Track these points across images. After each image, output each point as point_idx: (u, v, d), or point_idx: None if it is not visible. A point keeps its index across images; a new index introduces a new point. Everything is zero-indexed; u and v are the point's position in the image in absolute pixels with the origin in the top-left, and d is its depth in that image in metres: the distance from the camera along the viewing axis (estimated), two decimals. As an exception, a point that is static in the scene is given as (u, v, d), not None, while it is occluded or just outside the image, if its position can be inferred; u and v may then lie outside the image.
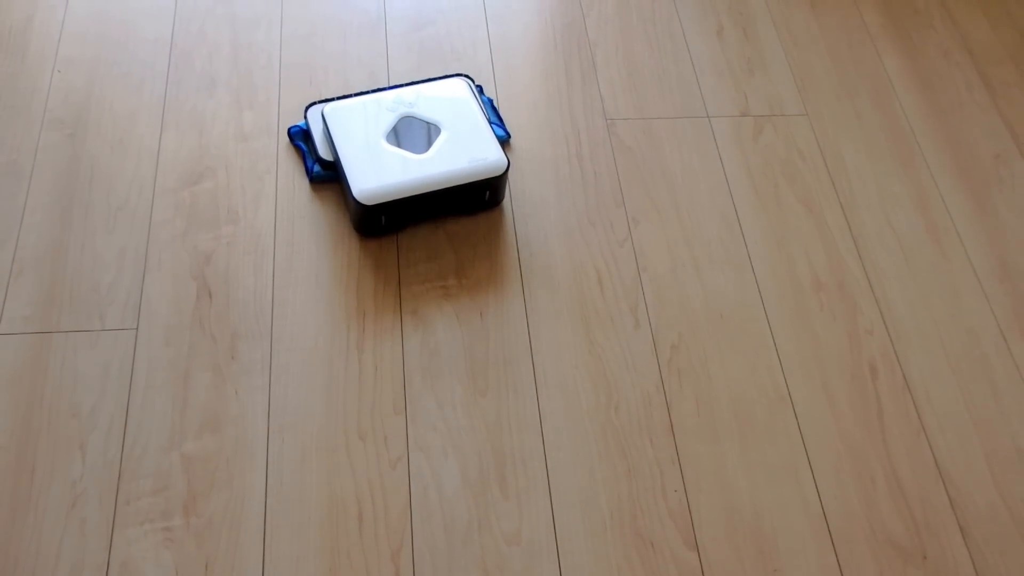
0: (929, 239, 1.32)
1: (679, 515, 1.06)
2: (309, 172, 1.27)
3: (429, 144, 1.22)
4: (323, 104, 1.29)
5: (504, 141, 1.34)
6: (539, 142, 1.35)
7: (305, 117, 1.30)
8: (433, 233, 1.25)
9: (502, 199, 1.27)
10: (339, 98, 1.29)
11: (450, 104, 1.26)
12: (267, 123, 1.32)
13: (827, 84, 1.47)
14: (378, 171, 1.19)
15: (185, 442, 1.05)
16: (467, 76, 1.37)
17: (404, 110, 1.25)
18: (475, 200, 1.24)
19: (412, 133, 1.23)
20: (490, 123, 1.30)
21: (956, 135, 1.43)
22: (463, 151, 1.22)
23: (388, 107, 1.25)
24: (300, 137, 1.30)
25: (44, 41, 1.38)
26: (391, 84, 1.36)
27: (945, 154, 1.41)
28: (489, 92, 1.40)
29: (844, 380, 1.18)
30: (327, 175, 1.26)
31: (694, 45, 1.49)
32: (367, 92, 1.30)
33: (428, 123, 1.24)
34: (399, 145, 1.22)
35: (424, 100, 1.27)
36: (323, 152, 1.25)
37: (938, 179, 1.38)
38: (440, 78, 1.32)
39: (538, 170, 1.32)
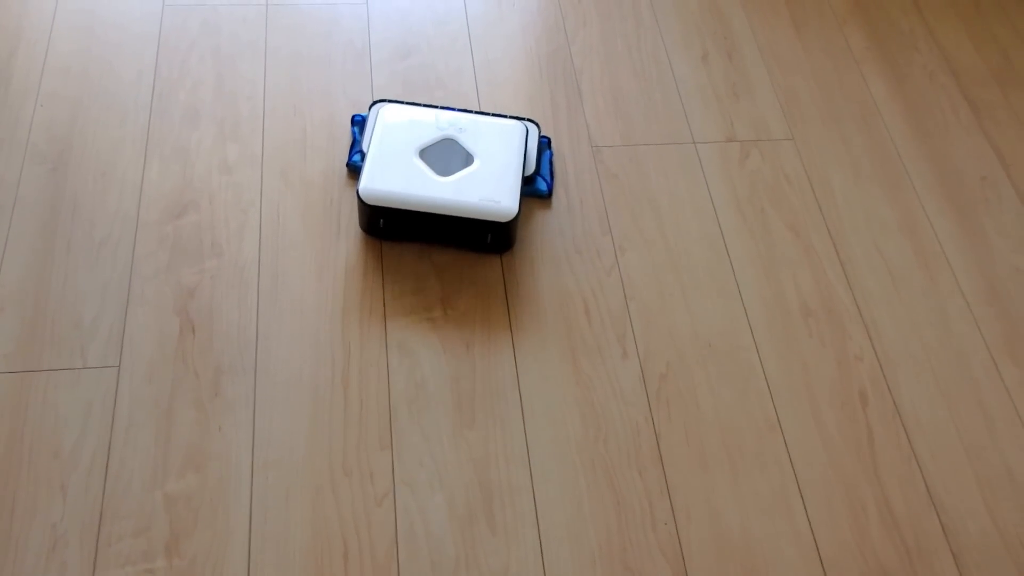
0: (917, 263, 1.31)
1: (669, 548, 1.05)
2: (350, 158, 1.31)
3: (455, 171, 1.24)
4: (387, 103, 1.33)
5: (543, 196, 1.32)
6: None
7: (369, 110, 1.34)
8: (419, 263, 1.24)
9: (508, 247, 1.26)
10: (408, 103, 1.33)
11: (495, 142, 1.27)
12: (251, 155, 1.31)
13: (813, 108, 1.47)
14: (392, 176, 1.21)
15: (168, 481, 1.04)
16: (536, 124, 1.37)
17: (451, 132, 1.27)
18: (477, 239, 1.24)
19: (447, 156, 1.25)
20: (536, 175, 1.31)
21: (942, 157, 1.43)
22: (479, 188, 1.22)
23: (439, 125, 1.28)
24: (358, 125, 1.35)
25: (27, 75, 1.37)
26: (460, 108, 1.37)
27: (931, 177, 1.41)
28: (474, 120, 1.40)
29: (834, 408, 1.17)
30: (362, 165, 1.27)
31: (679, 70, 1.49)
32: (435, 106, 1.33)
33: (467, 152, 1.25)
34: (427, 162, 1.24)
35: (474, 130, 1.28)
36: (366, 146, 1.28)
37: (925, 202, 1.38)
38: (509, 117, 1.33)
39: (523, 198, 1.32)
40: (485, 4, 1.54)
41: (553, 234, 1.29)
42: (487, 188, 1.22)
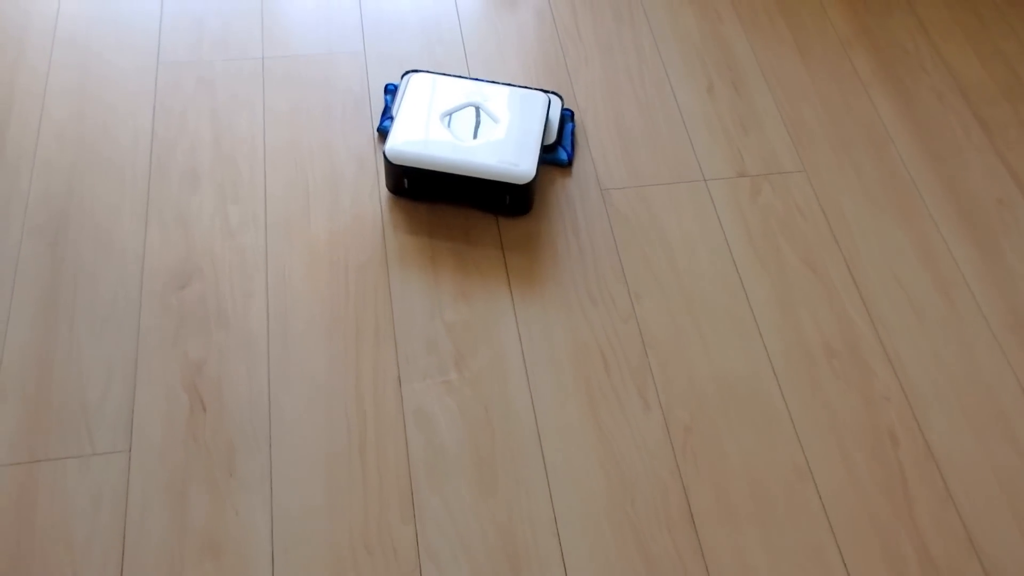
0: (938, 293, 1.29)
1: (706, 613, 1.02)
2: (380, 124, 1.38)
3: (477, 136, 1.29)
4: (415, 73, 1.39)
5: (563, 165, 1.38)
6: (534, 218, 1.32)
7: (401, 79, 1.42)
8: (431, 321, 1.21)
9: (526, 211, 1.31)
10: (433, 72, 1.39)
11: (518, 110, 1.33)
12: (253, 216, 1.28)
13: (822, 137, 1.44)
14: (416, 138, 1.27)
15: (185, 570, 1.00)
16: (560, 97, 1.42)
17: (476, 100, 1.33)
18: (496, 201, 1.29)
19: (470, 122, 1.31)
20: (558, 145, 1.37)
21: (956, 181, 1.40)
22: (500, 152, 1.27)
23: (466, 93, 1.34)
24: (390, 92, 1.42)
25: (21, 145, 1.33)
26: (487, 79, 1.46)
27: (947, 202, 1.38)
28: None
29: (864, 451, 1.14)
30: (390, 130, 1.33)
31: (685, 104, 1.46)
32: (464, 76, 1.40)
33: (490, 118, 1.31)
34: (454, 127, 1.30)
35: (499, 99, 1.34)
36: (395, 112, 1.34)
37: (942, 229, 1.35)
38: (533, 88, 1.39)
39: (535, 248, 1.29)
40: (484, 45, 1.51)
41: (567, 283, 1.25)
42: (507, 151, 1.27)
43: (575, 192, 1.35)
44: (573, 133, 1.40)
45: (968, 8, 1.64)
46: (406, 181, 1.28)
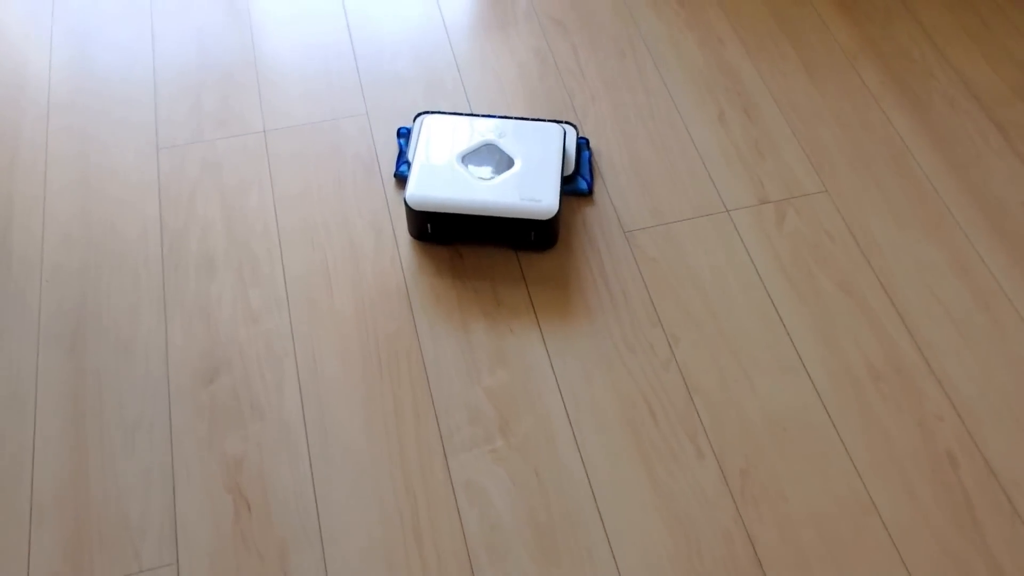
0: (977, 305, 1.26)
1: (790, 669, 0.98)
2: (397, 169, 1.37)
3: (496, 174, 1.29)
4: (427, 115, 1.39)
5: (584, 194, 1.37)
6: (560, 269, 1.29)
7: (413, 122, 1.42)
8: (469, 390, 1.17)
9: (551, 244, 1.30)
10: (446, 113, 1.39)
11: (534, 144, 1.32)
12: (275, 297, 1.24)
13: (840, 155, 1.42)
14: (436, 182, 1.27)
15: None
16: (574, 126, 1.41)
17: (491, 138, 1.33)
18: (521, 237, 1.28)
19: (487, 160, 1.30)
20: (576, 175, 1.36)
21: (980, 188, 1.38)
22: (521, 188, 1.27)
23: (480, 131, 1.34)
24: (404, 136, 1.42)
25: (26, 252, 1.29)
26: (498, 114, 1.45)
27: (974, 210, 1.35)
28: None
29: (925, 476, 1.11)
30: (408, 176, 1.32)
31: (698, 135, 1.44)
32: (474, 115, 1.38)
33: (507, 155, 1.30)
34: (472, 167, 1.29)
35: (514, 135, 1.34)
36: (411, 156, 1.34)
37: (972, 239, 1.32)
38: (546, 120, 1.39)
39: (565, 300, 1.26)
40: (487, 92, 1.48)
41: (602, 334, 1.22)
42: (528, 188, 1.27)
43: (599, 237, 1.32)
44: (591, 161, 1.39)
45: (969, 10, 1.62)
46: (429, 226, 1.27)
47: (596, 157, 1.41)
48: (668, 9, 1.61)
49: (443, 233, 1.28)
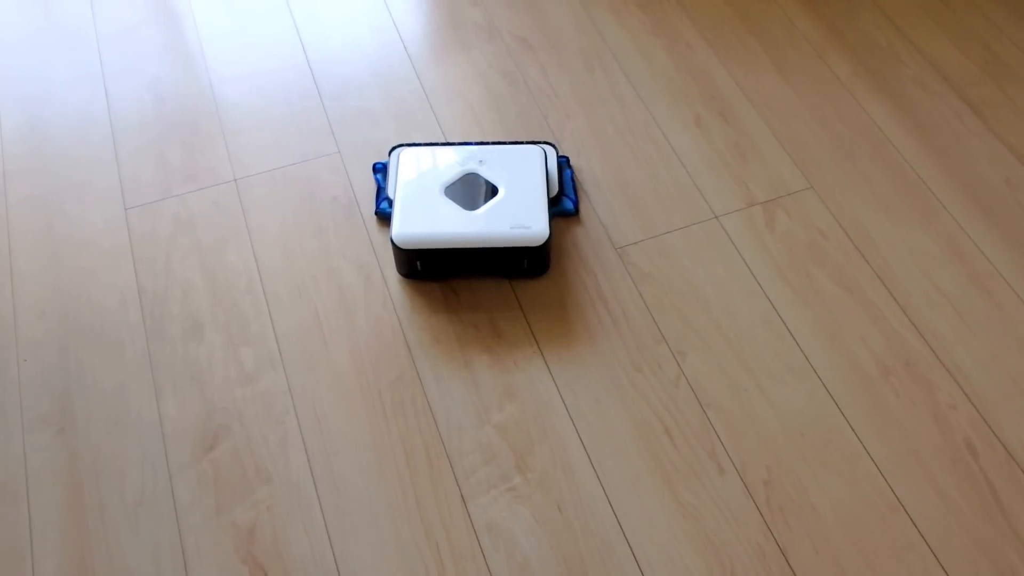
0: (976, 290, 1.25)
1: None
2: (377, 206, 1.34)
3: (481, 203, 1.25)
4: (406, 147, 1.35)
5: (570, 214, 1.34)
6: (557, 295, 1.26)
7: (388, 156, 1.37)
8: (479, 429, 1.14)
9: (545, 270, 1.27)
10: (425, 144, 1.35)
11: (516, 169, 1.29)
12: (268, 355, 1.20)
13: (821, 150, 1.41)
14: (422, 218, 1.23)
15: None
16: (554, 146, 1.38)
17: (472, 167, 1.29)
18: (514, 266, 1.25)
19: (471, 190, 1.27)
20: (561, 195, 1.33)
21: (962, 170, 1.38)
22: (509, 216, 1.24)
23: (458, 161, 1.30)
24: (381, 172, 1.37)
25: (0, 333, 1.23)
26: (474, 140, 1.40)
27: (959, 193, 1.35)
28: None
29: (946, 468, 1.10)
30: (391, 213, 1.31)
31: (677, 143, 1.42)
32: (450, 144, 1.35)
33: (490, 183, 1.27)
34: (455, 197, 1.26)
35: (494, 162, 1.30)
36: (392, 192, 1.30)
37: (963, 223, 1.32)
38: (523, 142, 1.36)
39: (565, 325, 1.23)
40: (460, 120, 1.45)
41: (607, 357, 1.20)
42: (516, 215, 1.24)
43: (591, 257, 1.29)
44: (573, 179, 1.37)
45: (926, -9, 1.62)
46: (419, 263, 1.24)
47: (578, 175, 1.38)
48: (631, 18, 1.59)
49: (433, 269, 1.25)
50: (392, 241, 1.22)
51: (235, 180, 1.37)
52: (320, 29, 1.59)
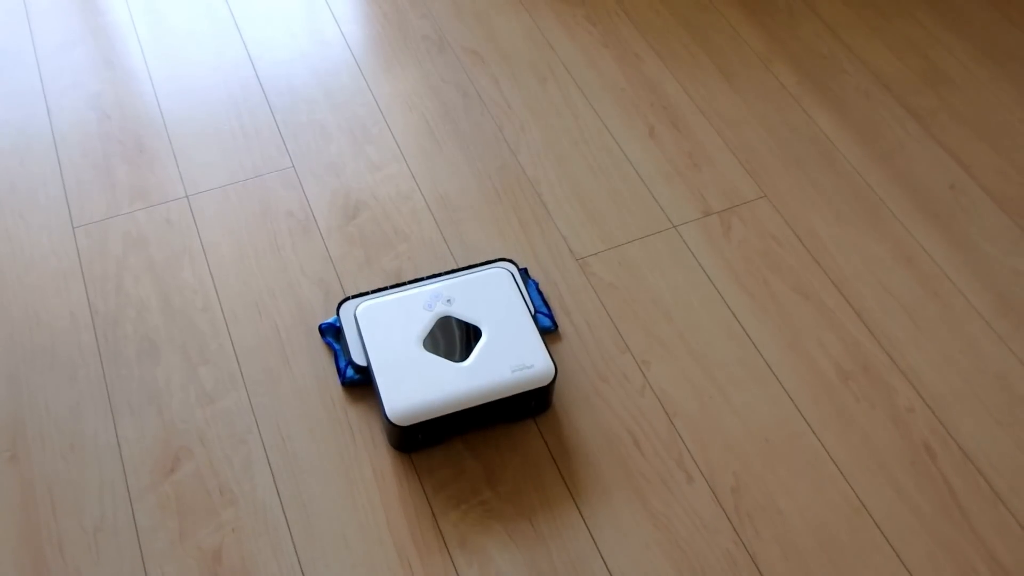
0: (926, 293, 1.29)
1: None
2: (342, 375, 1.17)
3: (469, 348, 1.11)
4: (356, 300, 1.20)
5: (550, 331, 1.23)
6: (519, 306, 1.25)
7: (337, 313, 1.20)
8: (449, 448, 1.13)
9: (549, 405, 1.16)
10: (374, 292, 1.21)
11: (492, 301, 1.16)
12: (228, 373, 1.17)
13: (772, 158, 1.43)
14: (413, 384, 1.08)
15: None
16: (511, 261, 1.28)
17: (442, 309, 1.15)
18: (520, 409, 1.13)
19: (451, 336, 1.13)
20: (537, 312, 1.22)
21: (908, 176, 1.41)
22: (506, 358, 1.11)
23: (425, 306, 1.15)
24: (332, 334, 1.20)
25: (-58, 352, 1.18)
26: (428, 275, 1.26)
27: (905, 199, 1.39)
28: (446, 263, 1.29)
29: (907, 470, 1.13)
30: (361, 380, 1.16)
31: (632, 154, 1.43)
32: (403, 284, 1.23)
33: (469, 324, 1.14)
34: (437, 349, 1.11)
35: (463, 297, 1.16)
36: (356, 355, 1.15)
37: (910, 228, 1.35)
38: (483, 264, 1.25)
39: (528, 337, 1.22)
40: (416, 137, 1.44)
41: (573, 370, 1.20)
42: (513, 355, 1.11)
43: (552, 268, 1.29)
44: (540, 291, 1.26)
45: (864, 2, 1.66)
46: (420, 435, 1.10)
47: (535, 187, 1.38)
48: (580, 29, 1.60)
49: (434, 436, 1.11)
50: (388, 420, 1.07)
51: (187, 196, 1.34)
52: (267, 44, 1.56)
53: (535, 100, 1.49)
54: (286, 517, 1.06)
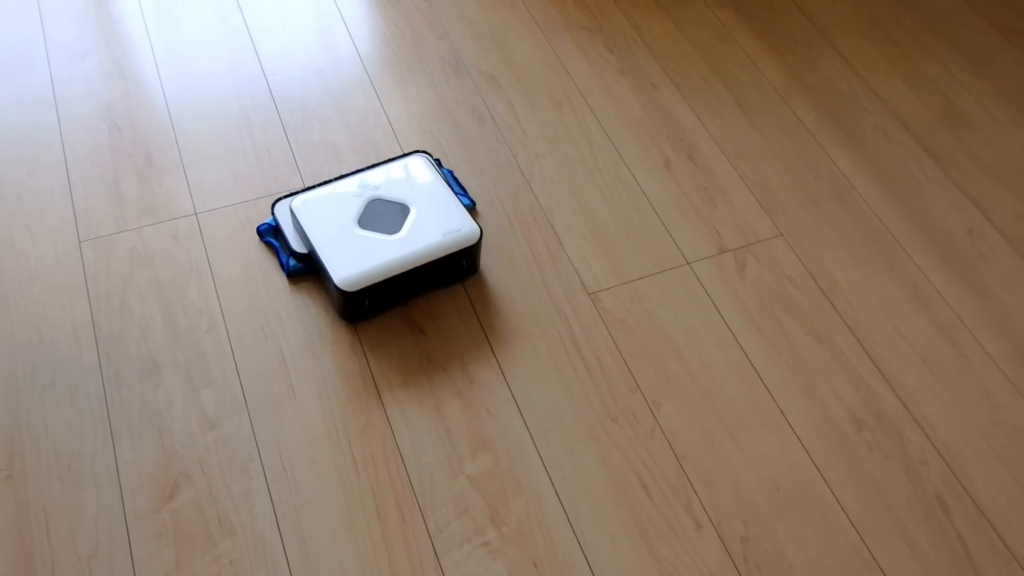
0: (942, 340, 1.27)
1: None
2: (285, 267, 1.27)
3: (401, 224, 1.25)
4: (290, 198, 1.31)
5: (471, 209, 1.36)
6: (528, 339, 1.23)
7: (272, 213, 1.31)
8: (453, 481, 1.10)
9: (478, 268, 1.30)
10: (304, 190, 1.30)
11: (415, 182, 1.29)
12: (231, 398, 1.15)
13: (788, 195, 1.41)
14: (355, 257, 1.21)
15: None
16: (425, 152, 1.39)
17: (371, 194, 1.27)
18: (453, 271, 1.26)
19: (383, 215, 1.26)
20: (457, 194, 1.31)
21: (925, 219, 1.39)
22: (435, 226, 1.25)
23: (355, 193, 1.28)
24: (270, 234, 1.30)
25: (-60, 367, 1.16)
26: (352, 171, 1.36)
27: (923, 242, 1.37)
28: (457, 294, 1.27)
29: (920, 524, 1.10)
30: (303, 267, 1.27)
31: (647, 186, 1.41)
32: (331, 181, 1.32)
33: (397, 203, 1.27)
34: (373, 227, 1.24)
35: (389, 182, 1.29)
36: (296, 246, 1.27)
37: (927, 272, 1.33)
38: (399, 157, 1.35)
39: (538, 370, 1.20)
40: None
41: (582, 406, 1.17)
42: (442, 222, 1.25)
43: (563, 300, 1.27)
44: (455, 176, 1.40)
45: (884, 38, 1.64)
46: (367, 301, 1.22)
47: (548, 217, 1.36)
48: (598, 56, 1.58)
49: (380, 303, 1.23)
50: (336, 287, 1.18)
51: (196, 214, 1.32)
52: (281, 59, 1.54)
53: (550, 127, 1.47)
54: (285, 551, 1.04)
